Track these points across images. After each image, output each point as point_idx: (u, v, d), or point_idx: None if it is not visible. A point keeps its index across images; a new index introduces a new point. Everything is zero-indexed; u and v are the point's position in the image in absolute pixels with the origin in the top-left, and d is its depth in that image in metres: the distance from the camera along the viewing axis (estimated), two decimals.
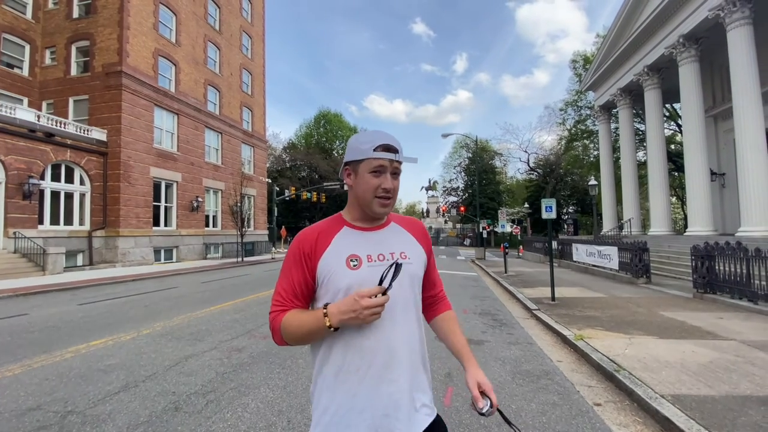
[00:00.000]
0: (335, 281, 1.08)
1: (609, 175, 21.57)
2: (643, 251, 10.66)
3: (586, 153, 37.53)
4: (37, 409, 3.19)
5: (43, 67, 18.72)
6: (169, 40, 20.57)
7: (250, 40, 29.28)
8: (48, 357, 4.55)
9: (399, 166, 1.13)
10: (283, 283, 1.12)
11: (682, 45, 14.09)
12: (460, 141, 48.95)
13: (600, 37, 30.75)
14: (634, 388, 3.43)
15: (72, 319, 6.66)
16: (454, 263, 20.16)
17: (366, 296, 0.98)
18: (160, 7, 19.89)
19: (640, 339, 5.07)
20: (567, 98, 36.80)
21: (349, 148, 1.14)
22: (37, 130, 14.72)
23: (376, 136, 1.10)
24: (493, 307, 8.02)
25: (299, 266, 1.10)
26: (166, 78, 20.44)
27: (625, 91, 19.04)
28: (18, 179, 13.97)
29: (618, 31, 18.13)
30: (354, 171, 1.13)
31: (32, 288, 10.01)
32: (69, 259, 15.55)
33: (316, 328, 1.02)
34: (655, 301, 7.88)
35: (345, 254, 1.11)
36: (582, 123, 35.37)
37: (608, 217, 21.49)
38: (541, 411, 3.20)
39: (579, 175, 41.10)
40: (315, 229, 1.15)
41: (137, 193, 18.10)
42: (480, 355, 4.69)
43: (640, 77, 17.01)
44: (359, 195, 1.13)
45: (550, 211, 8.41)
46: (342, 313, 0.99)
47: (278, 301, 1.11)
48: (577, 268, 14.73)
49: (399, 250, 1.19)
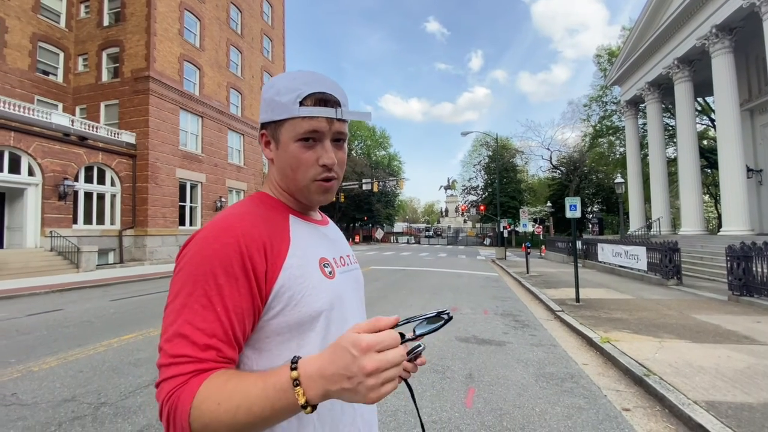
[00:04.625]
0: (309, 301, 0.69)
1: (636, 173, 20.85)
2: (673, 251, 10.25)
3: (611, 150, 36.36)
4: (72, 400, 3.34)
5: (77, 73, 19.57)
6: (194, 45, 21.15)
7: (271, 42, 29.76)
8: (82, 350, 4.76)
9: (344, 127, 0.75)
10: (199, 319, 0.61)
11: (714, 36, 13.46)
12: (480, 139, 48.31)
13: (626, 30, 29.74)
14: (665, 394, 3.30)
15: (104, 315, 6.94)
16: (474, 263, 19.94)
17: (374, 348, 0.52)
18: (185, 13, 20.48)
19: (671, 343, 4.87)
20: (591, 93, 35.79)
21: (263, 100, 0.76)
22: (71, 134, 15.41)
23: (302, 80, 0.72)
24: (514, 308, 7.88)
25: (241, 283, 0.63)
26: (191, 82, 21.02)
27: (654, 85, 18.35)
28: (54, 181, 14.67)
29: (645, 23, 17.48)
30: (273, 138, 0.75)
31: (67, 284, 10.50)
32: (101, 257, 16.23)
33: (274, 409, 0.55)
34: (686, 304, 7.56)
35: (315, 255, 0.75)
36: (607, 119, 34.32)
37: (636, 216, 20.78)
38: (566, 415, 3.12)
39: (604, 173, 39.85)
40: (251, 217, 0.70)
41: (164, 193, 18.71)
42: (502, 356, 4.62)
43: (670, 70, 16.35)
44: (286, 175, 0.76)
45: (575, 209, 8.21)
46: (329, 380, 0.53)
47: (183, 356, 0.59)
48: (602, 269, 14.30)
49: (347, 251, 0.89)
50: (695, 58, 15.35)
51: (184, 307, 0.62)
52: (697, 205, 15.62)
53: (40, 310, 7.43)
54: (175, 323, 0.61)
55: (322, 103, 0.72)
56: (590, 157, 39.38)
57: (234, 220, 0.68)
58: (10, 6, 16.80)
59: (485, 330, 5.87)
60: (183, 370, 0.58)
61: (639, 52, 18.40)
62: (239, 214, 0.70)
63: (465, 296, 9.12)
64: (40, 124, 14.38)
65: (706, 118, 28.05)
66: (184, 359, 0.59)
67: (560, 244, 21.30)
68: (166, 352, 0.60)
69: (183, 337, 0.60)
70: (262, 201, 0.78)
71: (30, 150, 13.95)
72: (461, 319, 6.60)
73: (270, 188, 0.81)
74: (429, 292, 9.59)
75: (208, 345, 0.60)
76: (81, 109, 19.38)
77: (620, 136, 32.30)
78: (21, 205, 14.27)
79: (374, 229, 50.26)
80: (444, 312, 0.64)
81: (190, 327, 0.60)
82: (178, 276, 0.65)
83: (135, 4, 18.45)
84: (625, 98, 21.29)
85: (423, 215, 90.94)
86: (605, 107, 34.38)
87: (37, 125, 14.23)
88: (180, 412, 0.56)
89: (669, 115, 25.14)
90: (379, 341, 0.53)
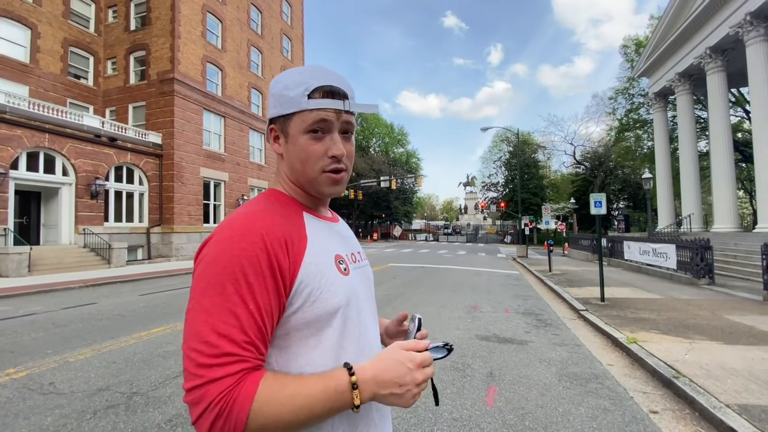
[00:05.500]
0: (327, 297, 0.70)
1: (665, 168, 20.08)
2: (705, 249, 9.83)
3: (638, 144, 35.07)
4: (106, 389, 3.50)
5: (106, 76, 20.32)
6: (216, 46, 21.61)
7: (290, 42, 30.08)
8: (114, 342, 4.97)
9: (351, 119, 0.76)
10: (234, 318, 0.61)
11: (749, 23, 12.78)
12: (500, 134, 47.47)
13: (654, 19, 28.59)
14: (695, 396, 3.19)
15: (134, 309, 7.22)
16: (494, 261, 19.68)
17: (423, 365, 0.67)
18: (207, 15, 20.94)
19: (702, 344, 4.69)
20: (617, 86, 34.53)
21: (271, 96, 0.78)
22: (101, 135, 16.05)
23: (310, 74, 0.74)
24: (536, 306, 7.74)
25: (269, 281, 0.64)
26: (214, 83, 21.50)
27: (684, 76, 17.58)
28: (86, 180, 15.32)
29: (675, 11, 16.75)
30: (283, 132, 0.76)
31: (99, 279, 10.97)
32: (130, 253, 16.87)
33: (332, 409, 0.62)
34: (719, 304, 7.25)
35: (330, 252, 0.76)
36: (634, 112, 33.11)
37: (664, 212, 20.03)
38: (591, 416, 3.05)
39: (631, 168, 38.53)
40: (270, 215, 0.71)
41: (189, 192, 19.25)
42: (523, 355, 4.55)
43: (702, 60, 15.62)
44: (296, 168, 0.76)
45: (600, 206, 7.98)
46: (382, 385, 0.64)
47: (226, 354, 0.59)
48: (628, 267, 13.87)
49: (358, 248, 0.90)
50: (728, 47, 14.61)
51: (215, 307, 0.61)
52: (731, 201, 14.91)
53: (74, 303, 7.79)
54: (209, 322, 0.60)
55: (330, 96, 0.73)
56: (616, 151, 38.13)
57: (255, 218, 0.68)
58: (42, 12, 17.59)
59: (506, 328, 5.80)
60: (230, 371, 0.58)
61: (668, 42, 17.65)
62: (258, 212, 0.70)
63: (485, 294, 9.02)
64: (73, 126, 15.03)
65: (740, 109, 26.71)
66: (228, 359, 0.59)
67: (584, 241, 20.79)
68: (203, 353, 0.58)
69: (221, 336, 0.59)
70: (277, 198, 0.78)
71: (64, 151, 14.61)
72: (481, 317, 6.54)
73: (281, 185, 0.81)
74: (448, 290, 9.53)
75: (248, 342, 0.61)
76: (110, 111, 20.13)
77: (648, 129, 31.14)
78: (56, 204, 14.98)
79: (392, 227, 50.31)
80: (448, 344, 0.78)
81: (227, 326, 0.60)
82: (202, 276, 0.64)
83: (160, 8, 19.00)
84: (654, 90, 20.49)
85: (441, 212, 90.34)
86: (632, 100, 33.18)
87: (69, 127, 14.88)
88: (236, 414, 0.57)
89: (700, 107, 24.05)
90: (425, 359, 0.67)
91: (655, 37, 18.86)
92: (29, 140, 13.51)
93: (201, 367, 0.58)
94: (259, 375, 0.61)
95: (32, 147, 13.66)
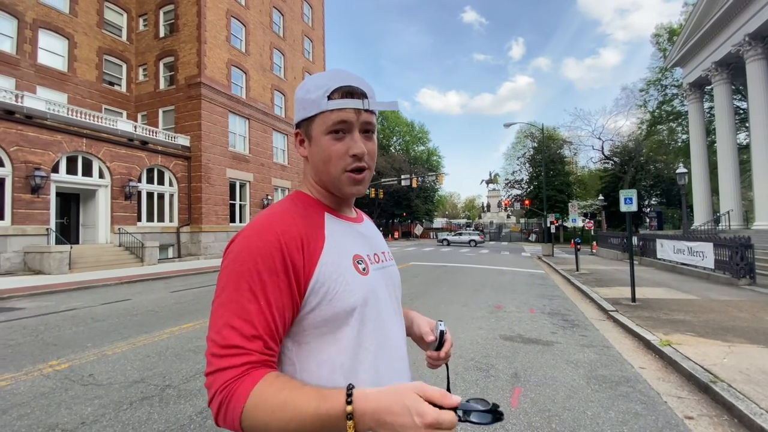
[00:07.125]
0: (344, 296, 0.71)
1: (702, 162, 19.10)
2: (746, 248, 9.31)
3: (672, 137, 33.52)
4: (140, 381, 3.66)
5: (137, 83, 21.19)
6: (240, 50, 22.12)
7: (311, 43, 30.42)
8: (148, 337, 5.20)
9: (371, 118, 0.77)
10: (245, 312, 0.65)
11: None
12: (524, 130, 46.41)
13: (688, 6, 27.20)
14: (734, 402, 3.03)
15: (166, 305, 7.52)
16: (518, 260, 19.31)
17: (435, 427, 0.54)
18: (231, 20, 21.47)
19: (742, 348, 4.45)
20: (648, 77, 33.10)
21: (296, 101, 0.80)
22: (134, 139, 16.76)
23: (329, 77, 0.76)
24: (563, 306, 7.55)
25: (281, 279, 0.67)
26: (238, 86, 22.03)
27: (722, 65, 16.65)
28: (120, 182, 16.05)
29: None
30: (307, 135, 0.79)
31: (133, 277, 11.47)
32: (162, 252, 17.56)
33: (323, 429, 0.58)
34: (761, 306, 6.85)
35: (349, 252, 0.77)
36: (667, 104, 31.64)
37: (701, 209, 19.07)
38: (621, 420, 2.96)
39: (664, 163, 36.88)
40: (290, 215, 0.74)
41: (216, 192, 19.84)
42: (549, 357, 4.45)
43: (741, 47, 14.75)
44: (319, 169, 0.79)
45: (630, 203, 7.68)
46: (380, 424, 0.56)
47: (233, 346, 0.63)
48: (661, 267, 13.31)
49: (383, 248, 0.91)
50: None
51: (231, 301, 0.66)
52: None
53: (111, 299, 8.18)
54: (224, 316, 0.65)
55: (349, 95, 0.75)
56: (647, 145, 36.53)
57: (274, 219, 0.72)
58: (78, 23, 18.51)
59: (531, 329, 5.69)
60: (234, 362, 0.63)
61: (704, 29, 16.76)
62: (279, 212, 0.74)
63: (509, 294, 8.87)
64: (108, 131, 15.76)
65: None
66: (234, 350, 0.63)
67: (613, 240, 20.07)
68: (217, 343, 0.64)
69: (232, 328, 0.64)
70: (300, 200, 0.81)
71: (100, 154, 15.34)
72: (505, 317, 6.44)
73: (307, 187, 0.85)
74: (471, 289, 9.43)
75: (255, 336, 0.64)
76: (142, 116, 20.97)
77: (682, 122, 29.72)
78: (93, 205, 15.77)
79: (413, 225, 50.12)
80: (497, 407, 0.58)
81: (238, 319, 0.64)
82: (224, 272, 0.69)
83: (187, 15, 19.63)
84: (689, 80, 19.52)
85: (463, 210, 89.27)
86: (664, 91, 31.72)
87: (105, 132, 15.61)
88: (233, 407, 0.60)
89: (740, 97, 22.74)
90: (438, 422, 0.53)
91: (690, 24, 17.95)
92: (68, 145, 14.26)
93: (213, 356, 0.64)
94: (260, 374, 0.63)
95: (71, 151, 14.41)
